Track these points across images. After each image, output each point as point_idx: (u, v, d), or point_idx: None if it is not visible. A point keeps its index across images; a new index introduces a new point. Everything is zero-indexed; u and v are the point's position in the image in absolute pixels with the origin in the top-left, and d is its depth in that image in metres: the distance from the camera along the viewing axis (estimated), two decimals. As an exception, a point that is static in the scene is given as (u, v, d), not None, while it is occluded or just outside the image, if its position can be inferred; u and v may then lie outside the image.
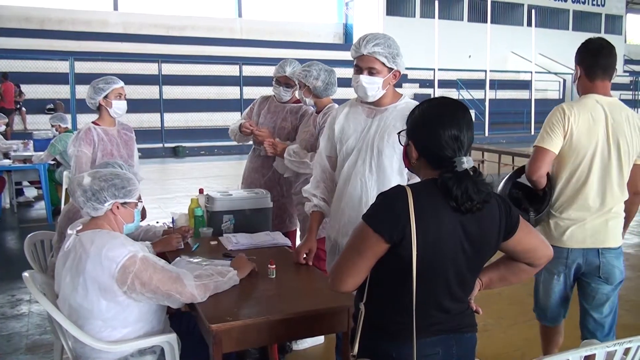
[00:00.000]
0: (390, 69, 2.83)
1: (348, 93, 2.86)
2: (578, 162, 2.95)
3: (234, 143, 4.53)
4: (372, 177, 2.89)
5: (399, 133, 2.11)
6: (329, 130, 3.16)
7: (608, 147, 2.93)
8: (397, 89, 2.99)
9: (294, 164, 3.85)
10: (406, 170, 2.78)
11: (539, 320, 3.38)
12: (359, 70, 2.84)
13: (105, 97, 4.03)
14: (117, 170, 2.79)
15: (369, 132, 2.93)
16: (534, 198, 3.08)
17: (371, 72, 2.82)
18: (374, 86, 2.84)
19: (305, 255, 3.12)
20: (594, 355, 2.00)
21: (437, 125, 1.91)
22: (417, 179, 2.09)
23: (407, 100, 2.97)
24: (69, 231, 2.65)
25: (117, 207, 2.64)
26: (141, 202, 2.77)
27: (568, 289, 3.13)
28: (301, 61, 4.28)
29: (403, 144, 2.08)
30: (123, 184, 2.65)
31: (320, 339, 4.22)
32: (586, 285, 3.09)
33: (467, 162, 1.85)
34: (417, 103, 2.88)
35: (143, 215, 3.70)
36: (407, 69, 3.02)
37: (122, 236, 2.59)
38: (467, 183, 1.82)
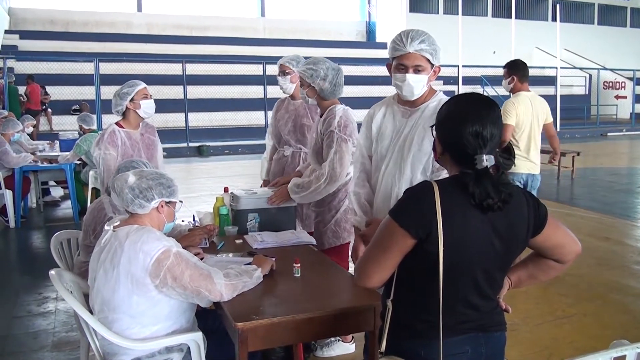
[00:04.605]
0: (432, 65, 2.77)
1: (370, 91, 2.82)
2: (522, 129, 5.44)
3: (258, 142, 4.56)
4: (402, 177, 2.85)
5: (432, 127, 2.05)
6: (366, 129, 3.09)
7: (532, 120, 5.46)
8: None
9: (307, 197, 3.73)
10: (432, 166, 2.80)
11: None
12: (404, 69, 2.75)
13: (132, 100, 4.04)
14: (158, 170, 2.85)
15: (403, 133, 2.89)
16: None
17: (417, 70, 2.74)
18: (420, 84, 2.77)
19: None
20: (624, 356, 1.97)
21: (458, 121, 1.88)
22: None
23: (440, 97, 2.90)
24: (105, 227, 2.70)
25: (162, 205, 2.69)
26: (181, 202, 2.80)
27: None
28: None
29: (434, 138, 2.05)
30: (169, 183, 2.71)
31: (351, 348, 4.06)
32: None
33: (488, 160, 1.81)
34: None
35: None
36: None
37: (158, 232, 2.62)
38: (486, 182, 1.79)
